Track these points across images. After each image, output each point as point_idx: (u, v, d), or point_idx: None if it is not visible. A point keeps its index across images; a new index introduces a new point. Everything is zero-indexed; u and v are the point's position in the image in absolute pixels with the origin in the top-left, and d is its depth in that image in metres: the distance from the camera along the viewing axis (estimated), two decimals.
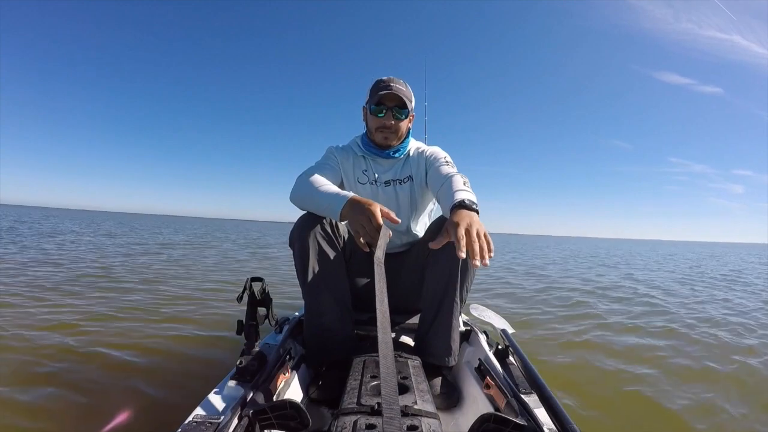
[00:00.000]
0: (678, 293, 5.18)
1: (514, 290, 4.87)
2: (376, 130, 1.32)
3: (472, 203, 1.02)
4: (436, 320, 1.19)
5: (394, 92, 1.25)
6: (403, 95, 1.26)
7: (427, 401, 0.88)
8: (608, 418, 1.57)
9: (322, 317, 1.18)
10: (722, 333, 2.94)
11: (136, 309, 2.93)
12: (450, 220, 0.97)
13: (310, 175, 1.24)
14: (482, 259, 0.86)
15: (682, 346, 2.59)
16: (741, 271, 9.26)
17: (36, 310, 2.73)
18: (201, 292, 3.78)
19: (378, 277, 0.73)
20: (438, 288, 1.18)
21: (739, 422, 1.57)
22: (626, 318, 3.44)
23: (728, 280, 7.21)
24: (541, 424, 0.78)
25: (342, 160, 1.39)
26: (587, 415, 1.56)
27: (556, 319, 3.29)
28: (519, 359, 1.09)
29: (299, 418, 0.77)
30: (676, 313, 3.73)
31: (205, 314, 2.91)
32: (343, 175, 1.40)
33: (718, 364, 2.21)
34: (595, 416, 1.56)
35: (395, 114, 1.29)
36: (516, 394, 0.94)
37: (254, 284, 1.13)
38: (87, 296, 3.30)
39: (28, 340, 2.11)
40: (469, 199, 1.03)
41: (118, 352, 1.99)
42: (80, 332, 2.30)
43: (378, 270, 0.76)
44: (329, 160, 1.37)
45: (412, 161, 1.40)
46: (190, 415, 0.80)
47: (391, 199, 1.39)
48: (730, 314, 3.75)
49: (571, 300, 4.25)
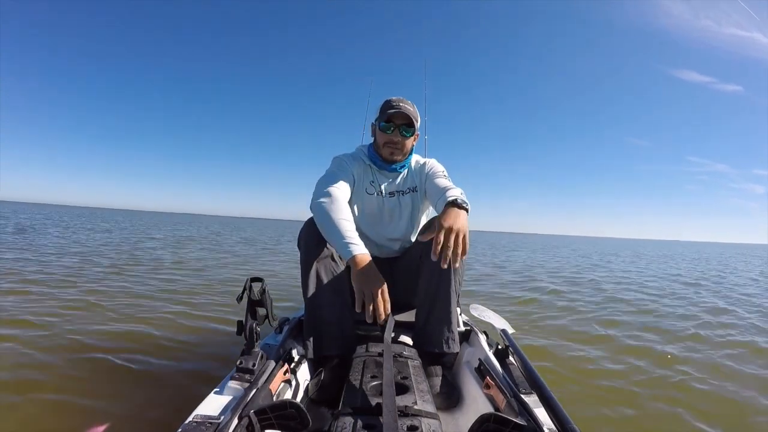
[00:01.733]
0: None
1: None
2: (384, 146, 1.42)
3: (463, 202, 1.14)
4: (433, 309, 1.25)
5: (403, 111, 1.35)
6: (411, 115, 1.37)
7: (427, 401, 0.88)
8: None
9: (322, 310, 1.22)
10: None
11: (135, 306, 2.94)
12: (438, 217, 1.09)
13: (331, 192, 1.23)
14: (452, 263, 1.02)
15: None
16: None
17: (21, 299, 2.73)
18: (202, 291, 3.78)
19: (386, 357, 0.91)
20: (433, 279, 1.25)
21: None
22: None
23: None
24: (541, 424, 0.78)
25: (355, 170, 1.44)
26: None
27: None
28: (519, 359, 1.09)
29: (299, 418, 0.77)
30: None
31: (205, 314, 2.91)
32: (355, 183, 1.45)
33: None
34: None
35: (402, 132, 1.39)
36: (516, 394, 0.94)
37: (254, 284, 1.13)
38: (87, 296, 3.30)
39: (33, 335, 2.11)
40: (461, 198, 1.15)
41: (118, 352, 2.00)
42: (79, 332, 2.31)
43: (387, 352, 0.95)
44: (344, 170, 1.40)
45: (413, 174, 1.52)
46: (190, 415, 0.80)
47: (394, 208, 1.50)
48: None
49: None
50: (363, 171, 1.47)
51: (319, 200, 1.22)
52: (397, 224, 1.52)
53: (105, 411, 1.43)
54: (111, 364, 1.87)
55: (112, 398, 1.53)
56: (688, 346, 2.69)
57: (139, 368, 1.84)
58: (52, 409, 1.45)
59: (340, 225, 1.14)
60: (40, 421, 1.38)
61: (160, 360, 1.95)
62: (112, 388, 1.62)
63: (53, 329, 2.32)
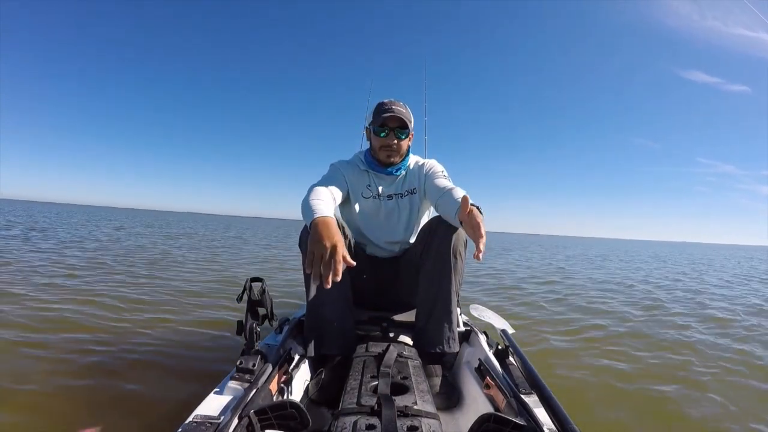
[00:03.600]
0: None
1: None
2: (380, 149, 1.42)
3: (478, 207, 1.10)
4: (434, 309, 1.25)
5: (396, 114, 1.36)
6: (404, 117, 1.37)
7: (427, 401, 0.88)
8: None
9: (324, 307, 1.22)
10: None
11: (135, 305, 2.94)
12: (475, 215, 1.02)
13: (315, 187, 1.29)
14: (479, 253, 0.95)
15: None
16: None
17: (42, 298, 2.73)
18: (201, 292, 3.78)
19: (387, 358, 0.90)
20: (433, 279, 1.25)
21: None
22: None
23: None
24: (541, 424, 0.78)
25: (348, 175, 1.46)
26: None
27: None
28: (519, 359, 1.09)
29: (299, 418, 0.77)
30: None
31: (205, 314, 2.91)
32: (350, 188, 1.46)
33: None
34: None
35: (397, 134, 1.40)
36: (516, 394, 0.94)
37: (254, 284, 1.14)
38: (86, 297, 3.30)
39: (28, 338, 2.11)
40: (476, 204, 1.11)
41: (117, 353, 1.99)
42: (78, 330, 2.30)
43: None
44: (336, 174, 1.44)
45: (412, 175, 1.51)
46: (190, 415, 0.80)
47: (392, 211, 1.50)
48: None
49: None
50: (358, 176, 1.48)
51: (305, 198, 1.23)
52: (395, 227, 1.52)
53: (104, 411, 1.43)
54: (110, 364, 1.87)
55: (111, 398, 1.53)
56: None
57: (139, 368, 1.83)
58: (43, 410, 1.44)
59: (311, 204, 1.13)
60: (31, 420, 1.37)
61: (160, 360, 1.95)
62: (110, 389, 1.61)
63: (45, 330, 2.32)
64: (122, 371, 1.80)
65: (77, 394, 1.55)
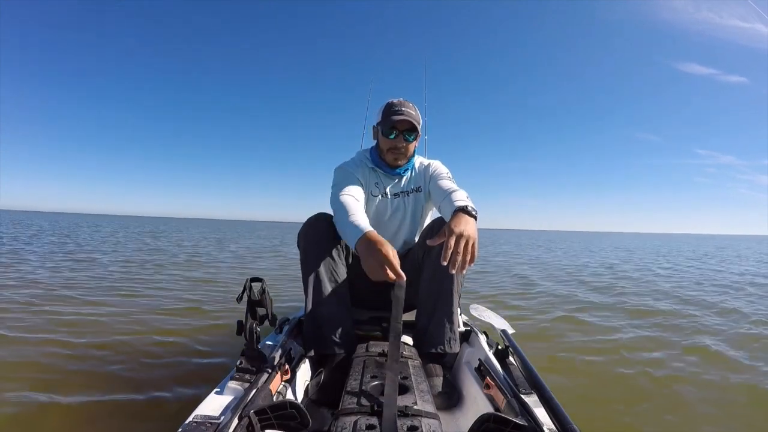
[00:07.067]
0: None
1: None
2: (388, 151, 1.43)
3: (473, 209, 1.12)
4: (435, 309, 1.25)
5: (406, 117, 1.35)
6: (414, 119, 1.37)
7: (427, 401, 0.88)
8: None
9: (322, 307, 1.22)
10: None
11: (134, 309, 2.93)
12: (449, 223, 1.06)
13: (341, 199, 1.27)
14: (460, 270, 1.00)
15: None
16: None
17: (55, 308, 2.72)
18: (201, 292, 3.78)
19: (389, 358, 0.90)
20: (435, 280, 1.25)
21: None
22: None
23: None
24: (541, 424, 0.78)
25: (360, 175, 1.46)
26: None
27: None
28: (519, 359, 1.09)
29: (299, 418, 0.77)
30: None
31: (205, 314, 2.91)
32: (363, 187, 1.46)
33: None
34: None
35: (406, 137, 1.40)
36: (516, 394, 0.94)
37: (254, 284, 1.13)
38: (86, 297, 3.29)
39: (27, 340, 2.11)
40: (470, 206, 1.13)
41: (117, 353, 2.00)
42: (76, 332, 2.30)
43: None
44: (351, 178, 1.42)
45: (417, 174, 1.53)
46: (190, 415, 0.80)
47: (398, 209, 1.52)
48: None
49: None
50: (368, 174, 1.49)
51: (338, 216, 1.22)
52: (401, 224, 1.53)
53: (104, 412, 1.43)
54: (110, 364, 1.87)
55: (111, 399, 1.53)
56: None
57: (139, 368, 1.84)
58: (40, 411, 1.44)
59: (351, 218, 1.14)
60: (29, 421, 1.37)
61: (159, 360, 1.95)
62: (110, 389, 1.61)
63: (40, 332, 2.32)
64: (122, 371, 1.80)
65: (73, 395, 1.55)
